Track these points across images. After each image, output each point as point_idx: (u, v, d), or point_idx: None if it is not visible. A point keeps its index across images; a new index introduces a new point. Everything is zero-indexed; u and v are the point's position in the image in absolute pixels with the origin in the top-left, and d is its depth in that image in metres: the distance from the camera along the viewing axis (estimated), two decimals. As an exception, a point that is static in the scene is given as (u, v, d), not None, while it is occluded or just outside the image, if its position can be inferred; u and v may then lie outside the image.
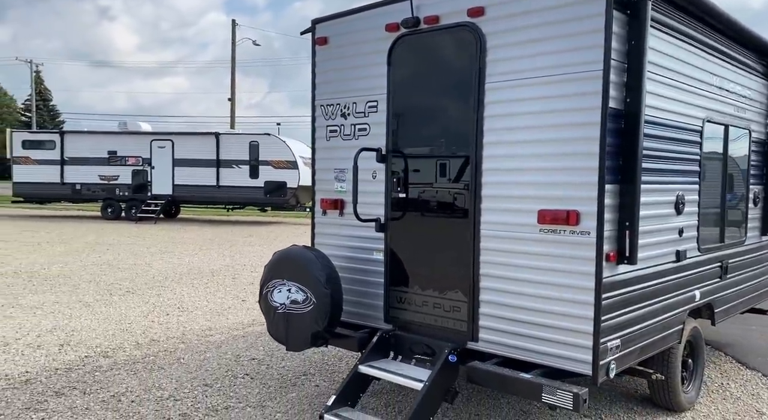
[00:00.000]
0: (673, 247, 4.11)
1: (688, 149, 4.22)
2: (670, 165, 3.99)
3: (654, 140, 3.75)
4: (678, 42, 3.91)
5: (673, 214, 4.09)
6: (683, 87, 4.04)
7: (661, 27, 3.69)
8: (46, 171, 19.91)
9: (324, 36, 4.64)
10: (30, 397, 4.35)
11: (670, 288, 4.10)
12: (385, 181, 4.26)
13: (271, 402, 4.39)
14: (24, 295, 7.80)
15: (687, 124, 4.16)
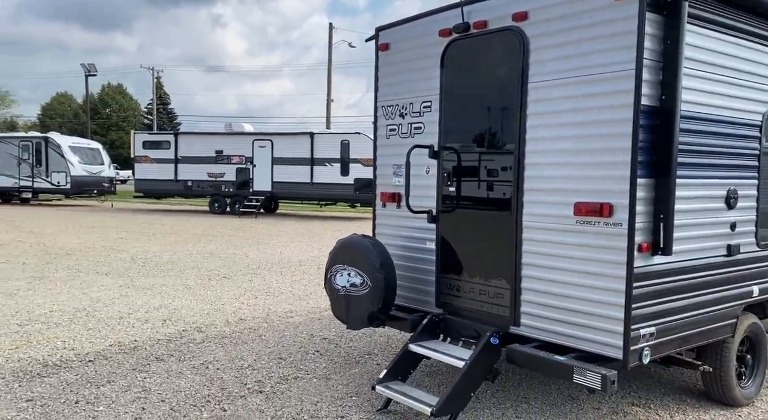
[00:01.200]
0: (723, 241, 4.13)
1: (744, 144, 4.21)
2: (718, 160, 4.02)
3: (698, 136, 3.82)
4: (725, 37, 3.93)
5: (723, 209, 4.11)
6: (735, 82, 4.04)
7: (704, 23, 3.75)
8: (162, 169, 21.92)
9: (386, 42, 5.05)
10: (136, 361, 5.12)
11: (720, 282, 4.13)
12: (437, 175, 4.61)
13: (335, 375, 4.88)
14: (138, 277, 8.88)
15: (742, 119, 4.15)
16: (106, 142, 50.20)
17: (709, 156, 3.94)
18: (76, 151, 24.64)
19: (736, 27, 4.00)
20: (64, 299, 7.32)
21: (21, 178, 24.67)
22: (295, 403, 4.27)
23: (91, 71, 38.80)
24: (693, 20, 3.65)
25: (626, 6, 3.51)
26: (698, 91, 3.76)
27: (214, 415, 4.03)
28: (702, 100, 3.80)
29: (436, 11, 4.62)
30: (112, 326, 6.19)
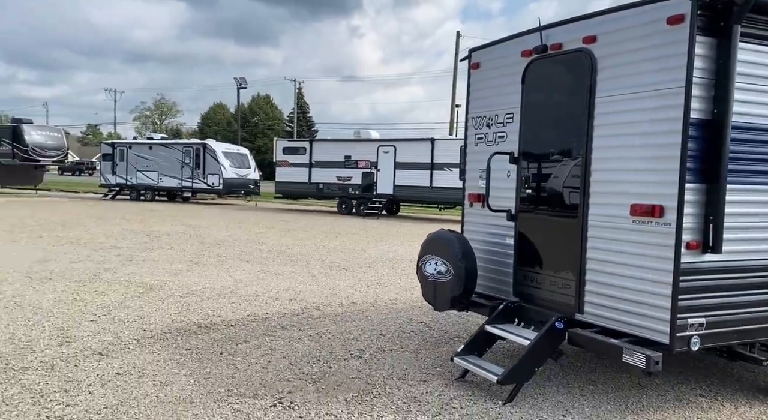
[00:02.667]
0: (790, 244, 4.34)
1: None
2: (783, 167, 4.26)
3: (752, 145, 4.12)
4: None
5: (789, 214, 4.33)
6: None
7: (757, 40, 4.05)
8: (299, 172, 24.02)
9: (477, 61, 5.76)
10: (266, 328, 6.27)
11: (787, 281, 4.34)
12: (516, 179, 5.23)
13: (424, 351, 5.66)
14: (273, 265, 10.28)
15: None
16: (254, 148, 54.97)
17: (765, 163, 4.21)
18: (228, 156, 27.62)
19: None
20: (214, 279, 8.81)
21: (183, 180, 28.12)
22: (387, 368, 5.12)
23: (242, 84, 42.91)
24: (746, 38, 3.98)
25: (678, 31, 3.94)
26: (754, 103, 4.07)
27: (321, 370, 4.99)
28: (757, 111, 4.10)
29: (519, 35, 5.26)
30: (249, 301, 7.47)
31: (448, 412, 4.23)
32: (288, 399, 4.34)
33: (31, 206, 22.43)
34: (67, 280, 8.31)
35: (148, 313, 6.70)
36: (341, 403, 4.30)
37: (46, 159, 30.82)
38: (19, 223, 15.66)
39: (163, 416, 3.96)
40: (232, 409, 4.12)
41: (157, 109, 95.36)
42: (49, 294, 7.44)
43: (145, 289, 7.96)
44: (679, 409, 4.49)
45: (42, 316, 6.36)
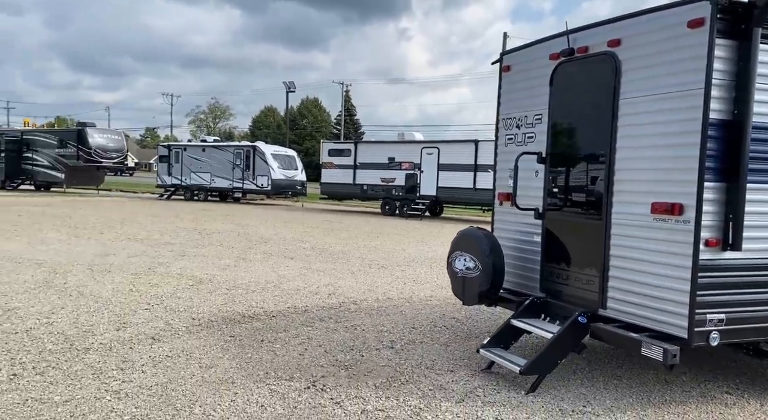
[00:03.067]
0: (816, 244, 4.37)
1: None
2: (806, 167, 4.29)
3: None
4: None
5: (816, 213, 4.35)
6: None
7: (781, 43, 4.11)
8: (343, 174, 24.50)
9: (508, 64, 5.94)
10: (305, 319, 6.62)
11: (812, 282, 4.36)
12: (544, 178, 5.39)
13: (454, 344, 5.88)
14: (314, 262, 10.67)
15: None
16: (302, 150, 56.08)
17: (793, 163, 4.25)
18: (276, 158, 28.39)
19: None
20: (259, 274, 9.26)
21: (234, 181, 29.07)
22: (416, 358, 5.37)
23: (290, 88, 43.95)
24: (766, 40, 4.05)
25: (698, 34, 4.06)
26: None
27: (353, 358, 5.29)
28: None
29: (548, 38, 5.43)
30: (290, 295, 7.85)
31: (472, 400, 4.45)
32: (321, 382, 4.65)
33: (94, 205, 23.69)
34: (125, 273, 8.90)
35: (197, 303, 7.16)
36: (370, 388, 4.58)
37: (107, 160, 32.38)
38: (83, 221, 16.64)
39: (206, 394, 4.33)
40: (269, 390, 4.46)
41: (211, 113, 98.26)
42: (109, 285, 8.02)
43: (195, 282, 8.46)
44: (701, 404, 4.57)
45: (102, 304, 6.91)
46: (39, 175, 32.57)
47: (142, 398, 4.20)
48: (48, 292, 7.45)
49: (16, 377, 4.51)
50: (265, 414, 4.03)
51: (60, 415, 3.87)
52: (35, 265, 9.28)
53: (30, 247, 11.22)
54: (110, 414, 3.92)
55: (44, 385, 4.38)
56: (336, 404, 4.25)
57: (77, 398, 4.16)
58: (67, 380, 4.49)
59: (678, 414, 4.37)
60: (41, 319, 6.15)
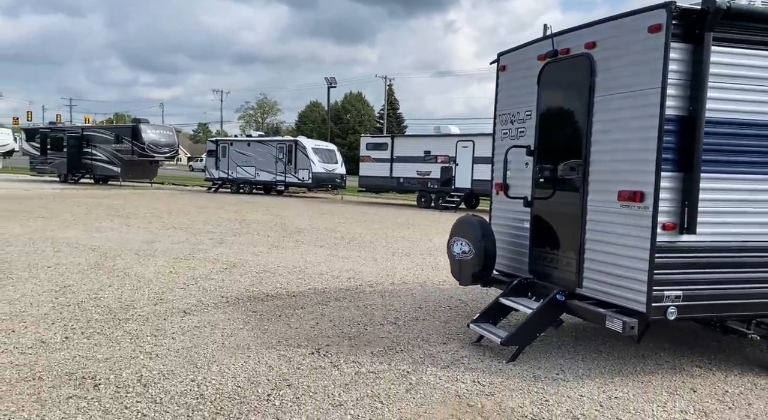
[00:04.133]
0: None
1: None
2: (764, 158, 4.65)
3: (730, 138, 4.55)
4: (753, 51, 4.54)
5: None
6: None
7: (731, 44, 4.48)
8: (380, 167, 25.14)
9: (504, 64, 6.42)
10: (322, 299, 7.29)
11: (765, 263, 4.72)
12: (532, 169, 5.87)
13: (453, 321, 6.43)
14: (342, 250, 11.36)
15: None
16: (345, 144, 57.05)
17: (750, 154, 4.62)
18: (317, 152, 29.28)
19: (762, 41, 4.57)
20: (288, 260, 10.01)
21: (277, 174, 30.13)
22: (415, 332, 5.95)
23: (332, 84, 44.94)
24: (719, 42, 4.43)
25: (657, 38, 4.48)
26: (728, 100, 4.51)
27: (358, 331, 5.92)
28: (731, 107, 4.53)
29: (537, 40, 5.89)
30: (313, 278, 8.55)
31: (456, 366, 5.01)
32: (324, 349, 5.30)
33: (146, 197, 25.14)
34: (167, 257, 9.81)
35: (228, 284, 7.94)
36: (367, 355, 5.20)
37: (159, 155, 34.04)
38: (134, 212, 17.87)
39: (224, 356, 5.05)
40: (278, 354, 5.14)
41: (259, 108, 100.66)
42: (151, 267, 8.91)
43: (228, 266, 9.27)
44: (668, 375, 5.00)
45: (144, 284, 7.77)
46: (97, 169, 34.53)
47: (169, 358, 4.95)
48: (98, 272, 8.38)
49: (67, 340, 5.34)
50: (271, 373, 4.71)
51: (101, 369, 4.65)
52: (89, 249, 10.30)
53: (86, 234, 12.33)
54: (142, 369, 4.67)
55: (90, 346, 5.19)
56: (334, 366, 4.89)
57: (116, 357, 4.94)
58: (108, 343, 5.29)
59: (642, 382, 4.82)
60: (90, 295, 7.03)
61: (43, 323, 5.79)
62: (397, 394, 4.36)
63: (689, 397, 4.55)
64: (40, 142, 36.97)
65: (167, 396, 4.16)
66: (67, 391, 4.17)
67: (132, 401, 4.05)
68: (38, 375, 4.44)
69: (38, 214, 16.13)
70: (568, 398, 4.42)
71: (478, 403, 4.26)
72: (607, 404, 4.34)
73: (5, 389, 4.15)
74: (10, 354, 4.88)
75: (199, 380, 4.47)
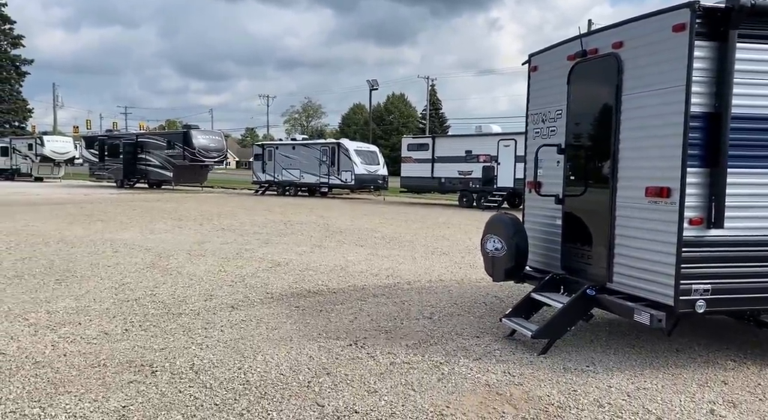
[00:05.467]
0: (808, 223, 4.74)
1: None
2: (794, 152, 4.67)
3: (756, 133, 4.60)
4: None
5: (807, 194, 4.73)
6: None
7: (758, 40, 4.52)
8: (422, 168, 25.36)
9: (535, 65, 6.57)
10: (361, 295, 7.58)
11: (802, 258, 4.74)
12: (563, 167, 6.00)
13: (488, 317, 6.61)
14: (382, 249, 11.65)
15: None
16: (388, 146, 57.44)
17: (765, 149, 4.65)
18: (359, 154, 29.73)
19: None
20: (330, 259, 10.36)
21: (321, 176, 30.74)
22: (449, 326, 6.17)
23: (374, 86, 45.36)
24: (744, 39, 4.49)
25: (681, 37, 4.57)
26: (753, 96, 4.55)
27: (394, 325, 6.18)
28: (757, 103, 4.57)
29: (566, 41, 6.02)
30: (353, 276, 8.86)
31: (487, 358, 5.21)
32: (362, 342, 5.58)
33: (197, 201, 26.09)
34: (216, 257, 10.30)
35: (273, 281, 8.33)
36: (402, 347, 5.45)
37: (209, 160, 35.21)
38: (186, 214, 18.64)
39: (268, 347, 5.39)
40: (318, 346, 5.44)
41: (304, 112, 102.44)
42: (202, 266, 9.40)
43: (273, 264, 9.68)
44: (701, 368, 5.05)
45: (195, 281, 8.24)
46: (151, 174, 35.97)
47: (218, 349, 5.32)
48: (153, 271, 8.91)
49: (127, 332, 5.79)
50: (312, 362, 5.02)
51: (158, 357, 5.06)
52: (144, 250, 10.92)
53: (141, 235, 13.02)
54: (193, 358, 5.05)
55: (147, 337, 5.62)
56: (371, 357, 5.16)
57: (170, 347, 5.35)
58: (164, 335, 5.72)
59: (673, 374, 4.90)
60: (147, 291, 7.53)
61: (106, 317, 6.28)
62: (430, 383, 4.59)
63: (719, 389, 4.61)
64: (98, 149, 38.79)
65: (216, 382, 4.51)
66: (128, 376, 4.58)
67: (185, 386, 4.42)
68: (102, 362, 4.88)
69: (97, 217, 17.06)
70: (596, 388, 4.55)
71: (507, 392, 4.45)
72: (635, 394, 4.46)
73: (75, 374, 4.60)
74: (78, 343, 5.36)
75: (245, 368, 4.82)
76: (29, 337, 5.51)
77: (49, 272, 8.64)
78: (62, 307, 6.66)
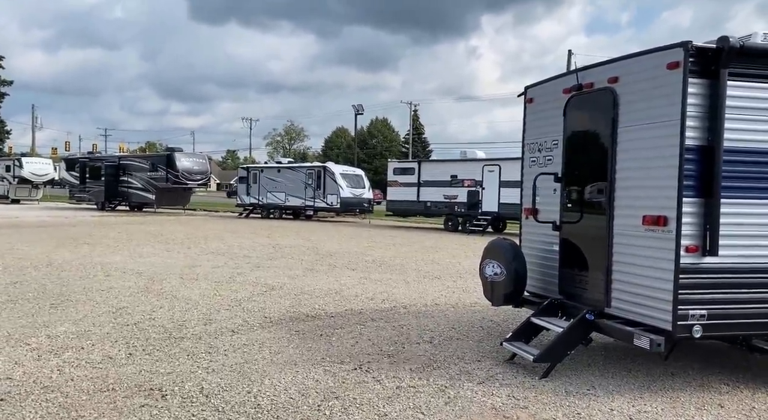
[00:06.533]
0: (798, 250, 4.98)
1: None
2: (782, 183, 4.93)
3: (748, 165, 4.86)
4: None
5: (796, 223, 4.98)
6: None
7: (747, 78, 4.81)
8: (408, 192, 25.60)
9: (531, 97, 6.82)
10: (359, 319, 7.66)
11: (793, 284, 4.97)
12: (560, 195, 6.21)
13: (486, 341, 6.74)
14: (374, 273, 11.74)
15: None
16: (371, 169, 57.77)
17: (765, 181, 4.90)
18: (345, 177, 29.89)
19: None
20: (323, 283, 10.42)
21: (306, 199, 30.78)
22: (450, 351, 6.27)
23: (359, 111, 45.88)
24: (735, 77, 4.77)
25: (675, 74, 4.84)
26: (744, 130, 4.82)
27: (396, 349, 6.27)
28: (748, 137, 4.84)
29: (562, 75, 6.29)
30: (349, 300, 8.93)
31: (491, 382, 5.32)
32: (366, 366, 5.65)
33: (181, 223, 25.93)
34: (209, 281, 10.30)
35: (269, 305, 8.37)
36: (406, 371, 5.54)
37: (192, 182, 35.04)
38: (172, 238, 18.54)
39: (274, 371, 5.44)
40: (323, 370, 5.51)
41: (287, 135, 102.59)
42: (197, 290, 9.40)
43: (268, 288, 9.71)
44: (696, 391, 5.22)
45: (192, 305, 8.24)
46: (133, 197, 35.67)
47: (225, 373, 5.36)
48: (148, 295, 8.89)
49: (131, 356, 5.80)
50: (319, 386, 5.08)
51: (165, 381, 5.08)
52: (136, 274, 10.87)
53: (130, 259, 12.94)
54: (202, 382, 5.08)
55: (152, 361, 5.63)
56: (377, 381, 5.24)
57: (177, 371, 5.37)
58: (168, 359, 5.73)
59: (671, 398, 5.05)
60: (145, 316, 7.52)
61: (107, 341, 6.27)
62: (437, 407, 4.69)
63: (716, 413, 4.77)
64: (79, 171, 38.40)
65: (228, 405, 4.56)
66: (139, 400, 4.60)
67: (198, 410, 4.45)
68: (111, 386, 4.88)
69: (83, 240, 16.89)
70: (599, 411, 4.69)
71: (514, 415, 4.56)
72: (637, 417, 4.60)
73: (85, 398, 4.60)
74: (84, 368, 5.35)
75: (254, 392, 4.86)
76: (33, 362, 5.49)
77: (43, 297, 8.58)
78: (62, 331, 6.63)
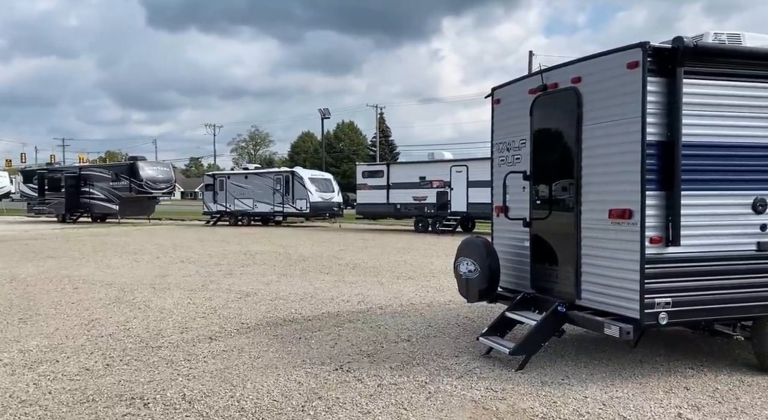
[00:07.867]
0: (753, 239, 5.26)
1: (767, 162, 5.28)
2: (738, 175, 5.21)
3: (706, 159, 5.11)
4: (723, 81, 5.13)
5: (750, 213, 5.26)
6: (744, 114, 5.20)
7: (702, 76, 5.07)
8: (377, 194, 25.73)
9: (498, 98, 7.01)
10: (336, 321, 7.72)
11: (749, 270, 5.24)
12: (529, 192, 6.40)
13: (463, 337, 6.88)
14: (348, 276, 11.80)
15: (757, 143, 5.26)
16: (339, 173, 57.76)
17: (727, 173, 5.17)
18: (313, 182, 29.85)
19: (731, 73, 5.17)
20: (298, 287, 10.44)
21: (275, 205, 30.62)
22: (428, 348, 6.39)
23: (326, 115, 45.84)
24: (691, 75, 5.01)
25: (635, 73, 5.06)
26: (701, 125, 5.07)
27: (375, 348, 6.36)
28: (705, 132, 5.09)
29: (527, 76, 6.49)
30: (325, 303, 8.98)
31: (469, 376, 5.45)
32: (347, 366, 5.73)
33: (147, 233, 25.51)
34: (182, 290, 10.22)
35: (245, 312, 8.36)
36: (387, 369, 5.64)
37: (157, 191, 34.48)
38: (140, 248, 18.26)
39: (256, 375, 5.47)
40: (305, 372, 5.56)
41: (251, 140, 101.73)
42: (170, 299, 9.32)
43: (242, 295, 9.69)
44: (664, 376, 5.45)
45: (166, 314, 8.18)
46: (95, 208, 34.90)
47: (206, 379, 5.36)
48: (120, 306, 8.78)
49: (109, 367, 5.75)
50: (301, 388, 5.13)
51: (146, 390, 5.06)
52: (106, 285, 10.70)
53: (98, 270, 12.72)
54: (183, 389, 5.08)
55: (131, 371, 5.60)
56: (358, 380, 5.32)
57: (157, 379, 5.35)
58: (147, 368, 5.70)
59: (640, 383, 5.27)
60: (119, 326, 7.44)
61: (83, 353, 6.20)
62: (419, 402, 4.80)
63: (683, 395, 5.00)
64: (38, 183, 37.37)
65: (212, 410, 4.58)
66: (121, 410, 4.58)
67: (181, 416, 4.46)
68: (91, 397, 4.85)
69: (47, 254, 16.50)
70: (574, 399, 4.86)
71: (493, 407, 4.70)
72: (609, 403, 4.79)
73: (65, 410, 4.57)
74: (61, 381, 5.29)
75: (237, 396, 4.89)
76: (8, 377, 5.40)
77: (10, 312, 8.40)
78: (34, 345, 6.52)
